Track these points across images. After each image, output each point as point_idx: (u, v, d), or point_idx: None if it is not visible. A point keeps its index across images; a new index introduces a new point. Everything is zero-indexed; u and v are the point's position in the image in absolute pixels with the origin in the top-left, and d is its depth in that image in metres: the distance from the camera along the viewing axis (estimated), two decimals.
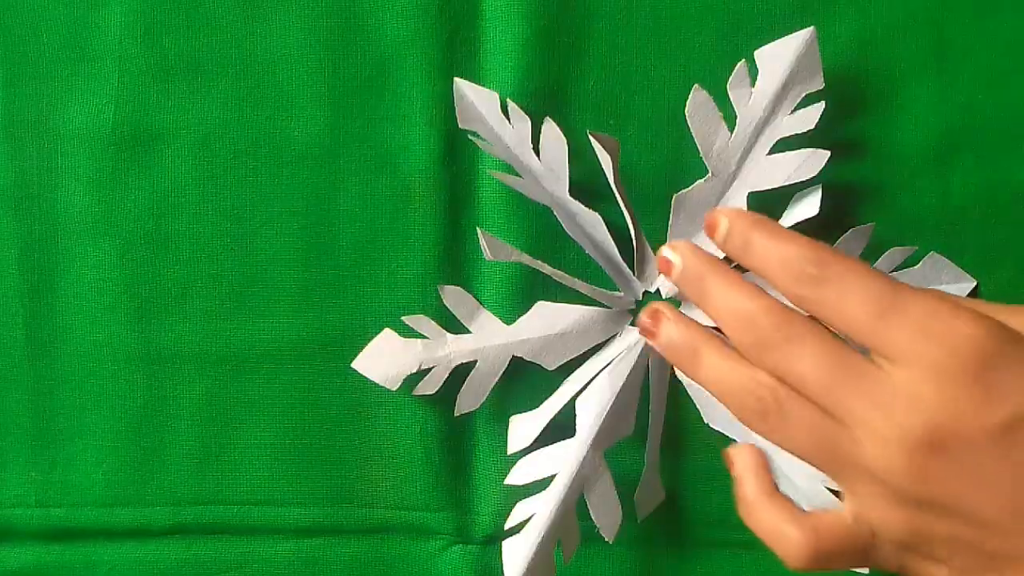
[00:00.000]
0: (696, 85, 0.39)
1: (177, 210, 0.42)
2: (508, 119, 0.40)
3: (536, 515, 0.39)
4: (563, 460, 0.40)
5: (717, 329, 0.34)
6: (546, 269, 0.40)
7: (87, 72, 0.42)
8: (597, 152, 0.39)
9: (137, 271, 0.42)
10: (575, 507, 0.40)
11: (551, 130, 0.40)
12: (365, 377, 0.40)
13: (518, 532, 0.40)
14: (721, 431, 0.40)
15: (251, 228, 0.42)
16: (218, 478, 0.42)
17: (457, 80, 0.40)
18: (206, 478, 0.42)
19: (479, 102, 0.40)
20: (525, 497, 0.40)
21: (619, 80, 0.41)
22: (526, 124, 0.40)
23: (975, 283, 0.40)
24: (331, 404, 0.42)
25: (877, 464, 0.30)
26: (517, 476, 0.40)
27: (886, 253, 0.40)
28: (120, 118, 0.42)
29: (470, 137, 0.40)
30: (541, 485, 0.40)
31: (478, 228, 0.40)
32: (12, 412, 0.42)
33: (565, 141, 0.40)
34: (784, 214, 0.40)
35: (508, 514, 0.41)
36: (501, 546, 0.40)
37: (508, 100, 0.40)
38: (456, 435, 0.41)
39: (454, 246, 0.41)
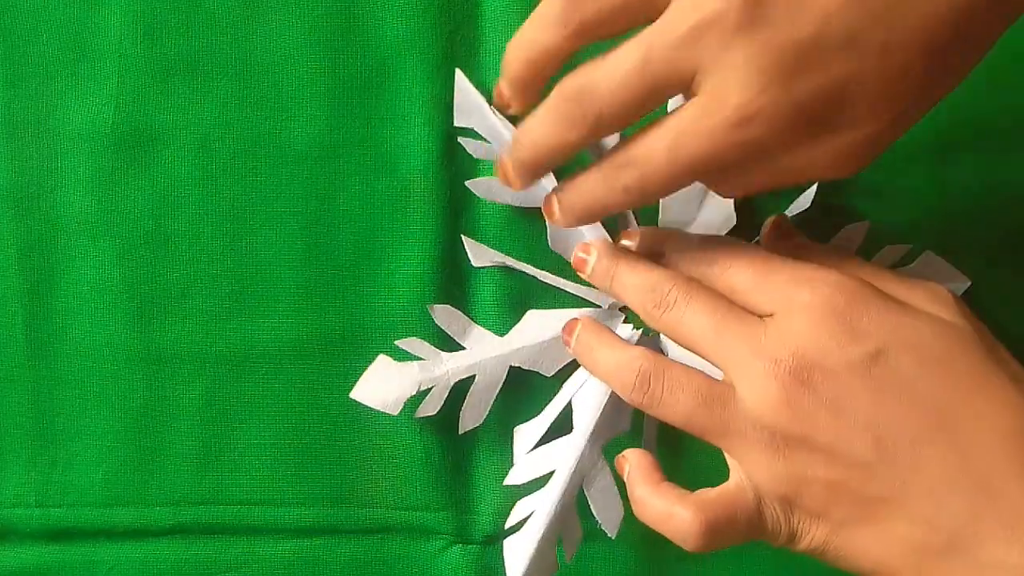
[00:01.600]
0: None
1: (177, 210, 0.42)
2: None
3: (536, 512, 0.39)
4: (561, 457, 0.40)
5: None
6: (531, 271, 0.40)
7: (87, 72, 0.42)
8: (590, 148, 0.39)
9: (137, 271, 0.42)
10: (575, 504, 0.40)
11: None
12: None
13: (518, 530, 0.40)
14: None
15: (251, 228, 0.42)
16: (218, 478, 0.42)
17: (458, 73, 0.40)
18: (206, 478, 0.42)
19: (479, 96, 0.40)
20: (525, 495, 0.40)
21: None
22: None
23: (969, 283, 0.40)
24: (331, 404, 0.42)
25: (750, 403, 0.32)
26: (516, 476, 0.40)
27: (881, 251, 0.40)
28: (120, 118, 0.42)
29: (460, 141, 0.41)
30: (540, 483, 0.40)
31: (462, 235, 0.40)
32: (12, 412, 0.42)
33: None
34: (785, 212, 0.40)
35: (508, 514, 0.41)
36: (502, 545, 0.40)
37: None
38: (456, 435, 0.41)
39: (453, 246, 0.41)
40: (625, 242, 0.38)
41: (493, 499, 0.42)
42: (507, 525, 0.40)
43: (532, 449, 0.40)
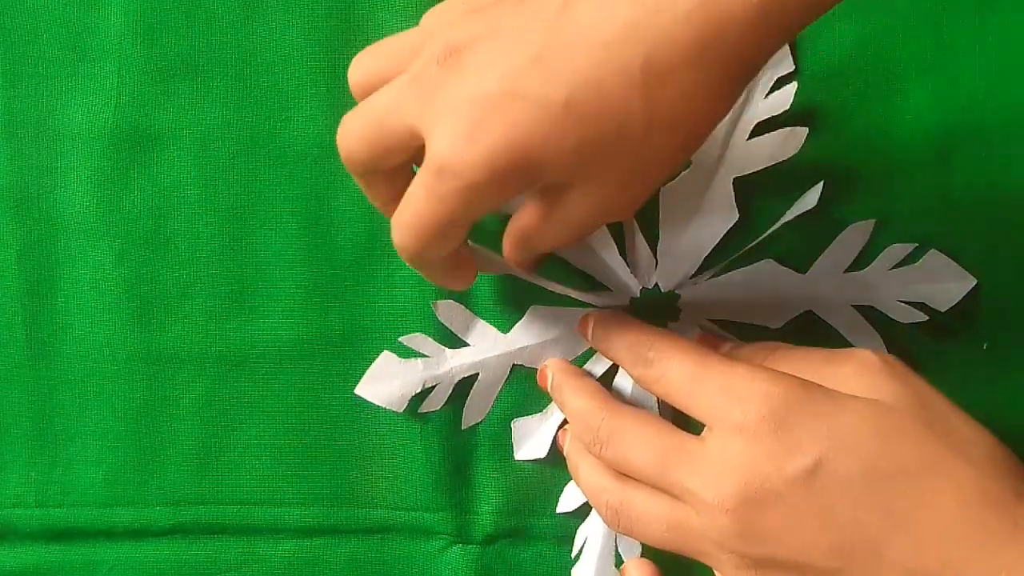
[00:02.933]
0: None
1: (177, 210, 0.42)
2: None
3: (589, 537, 0.40)
4: None
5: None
6: (532, 279, 0.40)
7: (87, 72, 0.42)
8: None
9: (137, 271, 0.42)
10: None
11: None
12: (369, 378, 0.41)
13: (580, 559, 0.40)
14: None
15: (251, 228, 0.42)
16: (218, 478, 0.42)
17: None
18: (206, 478, 0.42)
19: None
20: (527, 502, 0.41)
21: None
22: None
23: (975, 282, 0.40)
24: (331, 404, 0.42)
25: (711, 532, 0.32)
26: (568, 502, 0.41)
27: (885, 250, 0.40)
28: (120, 118, 0.42)
29: None
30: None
31: (468, 242, 0.40)
32: (12, 412, 0.42)
33: None
34: (787, 211, 0.40)
35: (508, 513, 0.41)
36: (502, 545, 0.40)
37: None
38: (456, 435, 0.41)
39: None
40: (582, 334, 0.40)
41: (493, 499, 0.42)
42: (572, 555, 0.41)
43: (536, 446, 0.41)
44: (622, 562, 0.40)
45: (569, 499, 0.41)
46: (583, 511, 0.41)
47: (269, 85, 0.41)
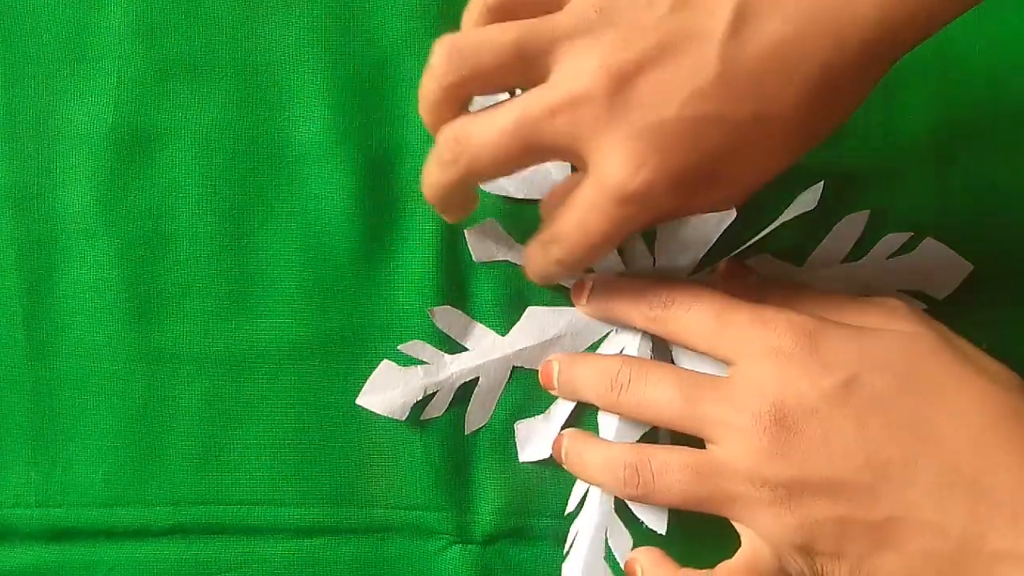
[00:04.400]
0: None
1: (176, 210, 0.42)
2: None
3: (579, 532, 0.40)
4: None
5: None
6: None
7: (87, 72, 0.42)
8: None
9: (136, 271, 0.42)
10: (613, 511, 0.40)
11: None
12: (365, 376, 0.41)
13: (570, 553, 0.40)
14: None
15: (251, 228, 0.42)
16: (218, 478, 0.42)
17: None
18: (206, 478, 0.42)
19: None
20: (527, 502, 0.41)
21: None
22: None
23: (971, 268, 0.40)
24: (331, 404, 0.42)
25: (741, 460, 0.32)
26: (570, 505, 0.40)
27: (882, 240, 0.40)
28: (120, 118, 0.42)
29: None
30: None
31: (465, 230, 0.40)
32: (12, 412, 0.42)
33: None
34: (785, 210, 0.40)
35: (508, 513, 0.41)
36: (503, 546, 0.40)
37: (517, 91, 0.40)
38: (456, 435, 0.41)
39: (453, 246, 0.41)
40: (577, 299, 0.40)
41: (493, 499, 0.42)
42: (565, 551, 0.40)
43: (540, 446, 0.41)
44: (613, 558, 0.40)
45: (573, 499, 0.41)
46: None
47: (269, 85, 0.41)
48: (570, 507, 0.41)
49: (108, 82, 0.42)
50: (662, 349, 0.41)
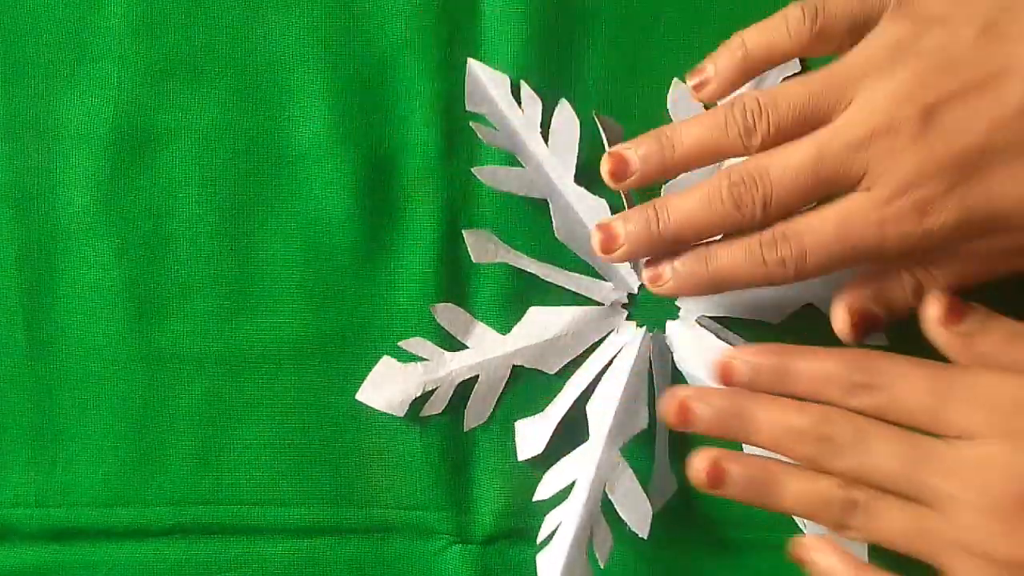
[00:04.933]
0: (675, 79, 0.40)
1: (176, 210, 0.42)
2: (519, 103, 0.40)
3: (563, 524, 0.40)
4: (581, 465, 0.40)
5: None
6: (533, 267, 0.40)
7: (87, 72, 0.42)
8: (602, 133, 0.39)
9: (136, 271, 0.42)
10: (600, 510, 0.40)
11: (564, 110, 0.40)
12: (365, 376, 0.41)
13: (548, 544, 0.40)
14: None
15: (251, 228, 0.42)
16: (218, 478, 0.42)
17: (471, 62, 0.41)
18: (206, 478, 0.42)
19: (491, 84, 0.40)
20: (527, 502, 0.41)
21: (618, 79, 0.41)
22: (537, 107, 0.40)
23: None
24: (331, 404, 0.42)
25: (972, 536, 0.31)
26: (545, 490, 0.41)
27: None
28: (120, 118, 0.42)
29: (471, 124, 0.41)
30: (565, 494, 0.40)
31: (464, 230, 0.40)
32: (12, 412, 0.42)
33: (578, 122, 0.40)
34: None
35: (508, 513, 0.41)
36: (503, 546, 0.40)
37: (522, 82, 0.40)
38: (456, 435, 0.41)
39: (452, 245, 0.41)
40: (738, 359, 0.35)
41: (493, 499, 0.42)
42: (539, 540, 0.40)
43: (547, 454, 0.40)
44: (594, 557, 0.40)
45: (548, 487, 0.41)
46: (558, 498, 0.40)
47: (269, 85, 0.41)
48: (541, 495, 0.40)
49: (108, 82, 0.42)
50: (662, 351, 0.41)
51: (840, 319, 0.36)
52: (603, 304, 0.41)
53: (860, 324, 0.35)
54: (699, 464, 0.34)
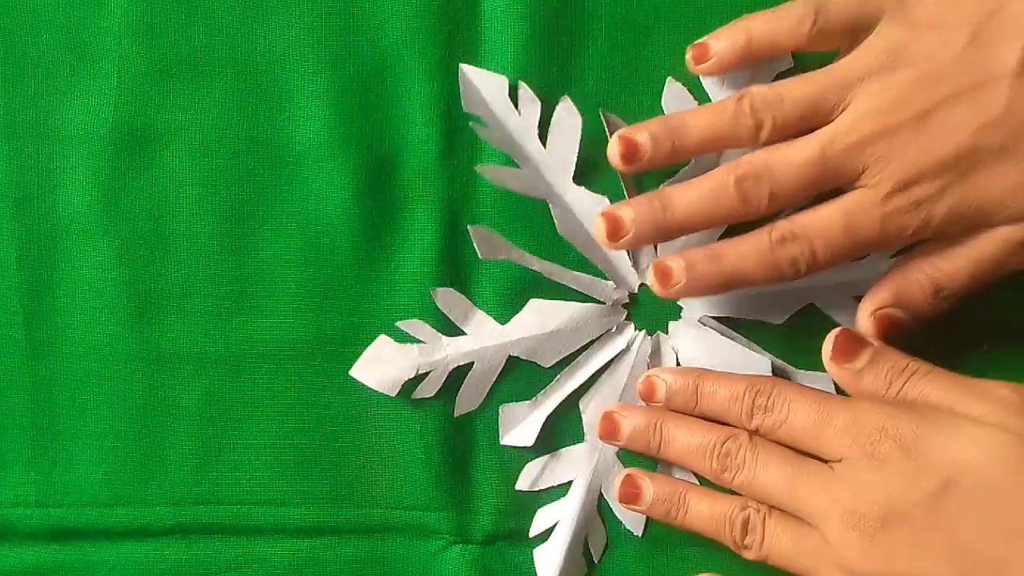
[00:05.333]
0: (669, 78, 0.40)
1: (176, 210, 0.42)
2: (516, 105, 0.40)
3: (561, 522, 0.40)
4: (578, 465, 0.41)
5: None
6: (537, 264, 0.40)
7: (87, 72, 0.42)
8: (607, 131, 0.39)
9: (136, 271, 0.42)
10: (596, 509, 0.41)
11: (567, 107, 0.40)
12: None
13: (545, 539, 0.41)
14: None
15: (251, 228, 0.42)
16: (218, 478, 0.42)
17: (463, 66, 0.41)
18: (206, 478, 0.42)
19: (485, 88, 0.40)
20: (527, 502, 0.41)
21: (618, 80, 0.41)
22: (535, 108, 0.40)
23: None
24: (331, 404, 0.42)
25: (839, 551, 0.34)
26: (527, 481, 0.41)
27: None
28: (120, 118, 0.42)
29: (471, 124, 0.41)
30: (559, 491, 0.41)
31: (469, 226, 0.40)
32: (12, 412, 0.42)
33: (579, 119, 0.40)
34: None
35: (508, 513, 0.41)
36: (502, 546, 0.41)
37: (520, 83, 0.40)
38: (456, 435, 0.41)
39: (453, 246, 0.41)
40: (659, 378, 0.39)
41: (493, 499, 0.42)
42: (532, 533, 0.41)
43: (537, 448, 0.41)
44: (590, 554, 0.41)
45: (531, 478, 0.41)
46: (550, 495, 0.41)
47: (269, 85, 0.41)
48: (521, 485, 0.41)
49: (108, 82, 0.42)
50: (661, 353, 0.41)
51: (865, 325, 0.38)
52: (604, 303, 0.41)
53: (884, 328, 0.38)
54: (617, 481, 0.40)
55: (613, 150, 0.38)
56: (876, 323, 0.38)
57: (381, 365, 0.41)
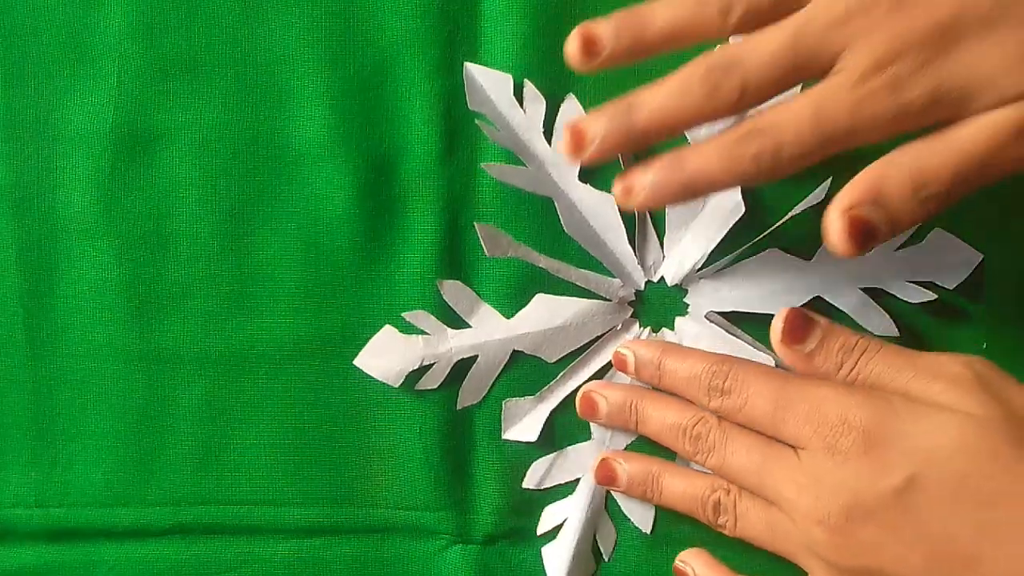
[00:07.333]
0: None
1: (176, 210, 0.42)
2: (521, 103, 0.41)
3: (569, 519, 0.41)
4: (586, 463, 0.41)
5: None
6: (543, 262, 0.40)
7: (87, 72, 0.42)
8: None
9: (136, 271, 0.42)
10: (605, 506, 0.41)
11: (571, 105, 0.41)
12: (365, 376, 0.41)
13: (552, 538, 0.41)
14: None
15: (251, 228, 0.42)
16: (218, 478, 0.42)
17: (468, 65, 0.41)
18: (206, 478, 0.42)
19: (490, 86, 0.40)
20: (527, 502, 0.41)
21: (619, 79, 0.41)
22: (540, 106, 0.40)
23: (981, 257, 0.40)
24: (331, 404, 0.42)
25: (811, 540, 0.34)
26: (534, 479, 0.41)
27: None
28: (120, 118, 0.42)
29: (477, 122, 0.41)
30: (566, 489, 0.41)
31: (475, 223, 0.40)
32: (12, 412, 0.42)
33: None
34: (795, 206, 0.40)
35: (508, 513, 0.41)
36: (503, 546, 0.41)
37: (525, 81, 0.40)
38: (456, 434, 0.41)
39: (453, 246, 0.41)
40: (627, 350, 0.40)
41: (493, 499, 0.42)
42: (539, 531, 0.41)
43: (540, 445, 0.41)
44: (599, 552, 0.41)
45: (534, 476, 0.41)
46: (557, 493, 0.41)
47: (269, 85, 0.42)
48: (529, 483, 0.41)
49: (108, 82, 0.42)
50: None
51: (834, 228, 0.32)
52: (610, 301, 0.41)
53: (857, 233, 0.32)
54: (593, 465, 0.40)
55: (571, 46, 0.34)
56: (848, 225, 0.32)
57: (385, 355, 0.41)
